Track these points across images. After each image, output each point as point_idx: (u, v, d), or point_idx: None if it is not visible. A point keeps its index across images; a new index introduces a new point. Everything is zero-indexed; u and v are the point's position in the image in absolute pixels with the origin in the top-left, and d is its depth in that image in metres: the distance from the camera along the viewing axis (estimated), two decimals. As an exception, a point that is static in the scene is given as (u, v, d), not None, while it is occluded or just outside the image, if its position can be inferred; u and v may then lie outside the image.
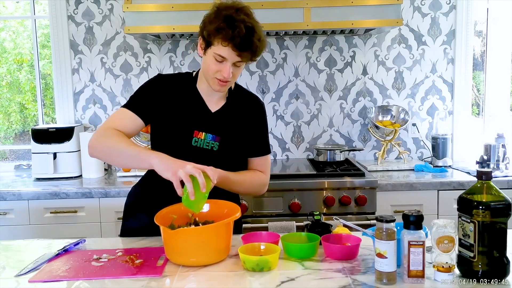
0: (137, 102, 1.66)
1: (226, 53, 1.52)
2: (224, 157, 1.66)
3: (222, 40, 1.49)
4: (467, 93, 3.04)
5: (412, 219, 1.20)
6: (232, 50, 1.50)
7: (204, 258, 1.35)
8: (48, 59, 3.20)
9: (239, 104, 1.73)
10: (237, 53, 1.51)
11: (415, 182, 2.55)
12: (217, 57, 1.53)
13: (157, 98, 1.66)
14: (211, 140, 1.65)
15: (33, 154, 2.79)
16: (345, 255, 1.38)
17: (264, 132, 1.80)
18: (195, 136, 1.64)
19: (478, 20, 3.14)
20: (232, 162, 1.69)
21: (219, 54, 1.52)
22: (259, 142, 1.78)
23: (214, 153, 1.65)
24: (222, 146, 1.66)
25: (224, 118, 1.68)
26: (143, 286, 1.24)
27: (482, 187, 1.22)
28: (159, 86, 1.68)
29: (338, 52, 3.05)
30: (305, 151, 3.12)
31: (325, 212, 2.43)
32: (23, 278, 1.31)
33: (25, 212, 2.51)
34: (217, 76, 1.56)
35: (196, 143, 1.64)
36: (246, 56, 1.53)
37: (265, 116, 1.80)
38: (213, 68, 1.55)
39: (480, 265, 1.19)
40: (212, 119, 1.67)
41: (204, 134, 1.64)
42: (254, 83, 3.06)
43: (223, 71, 1.54)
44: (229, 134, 1.67)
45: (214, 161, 1.61)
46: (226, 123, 1.68)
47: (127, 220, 1.79)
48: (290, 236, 1.49)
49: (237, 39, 1.48)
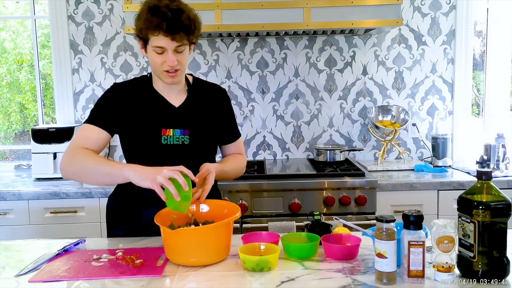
0: (99, 115, 1.66)
1: (162, 43, 1.52)
2: (197, 148, 1.68)
3: (153, 31, 1.51)
4: (467, 93, 3.04)
5: (412, 219, 1.20)
6: (164, 36, 1.50)
7: (204, 258, 1.35)
8: (48, 59, 3.20)
9: (201, 94, 1.74)
10: (170, 38, 1.51)
11: (415, 182, 2.55)
12: (156, 49, 1.54)
13: (117, 107, 1.66)
14: (180, 135, 1.66)
15: (33, 154, 2.79)
16: (345, 255, 1.38)
17: (232, 118, 1.84)
18: (164, 134, 1.65)
19: (478, 20, 3.14)
20: (205, 152, 1.72)
21: (156, 45, 1.53)
22: (229, 129, 1.83)
23: (186, 146, 1.66)
24: (193, 139, 1.67)
25: (189, 111, 1.70)
26: (143, 286, 1.24)
27: (482, 187, 1.22)
28: (117, 95, 1.69)
29: (338, 52, 3.05)
30: (305, 151, 3.12)
31: (325, 212, 2.43)
32: (23, 278, 1.32)
33: (25, 212, 2.51)
34: (164, 68, 1.57)
35: (166, 141, 1.65)
36: (180, 38, 1.52)
37: (229, 102, 1.83)
38: (157, 61, 1.56)
39: (480, 265, 1.19)
40: (177, 114, 1.68)
41: (172, 131, 1.65)
42: (254, 83, 3.06)
43: (167, 61, 1.55)
44: (198, 126, 1.69)
45: (187, 155, 1.65)
46: (192, 115, 1.69)
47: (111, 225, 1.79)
48: (290, 236, 1.49)
49: (163, 23, 1.48)
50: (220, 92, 1.81)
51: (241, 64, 3.05)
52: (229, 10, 2.51)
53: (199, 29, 1.59)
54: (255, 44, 3.04)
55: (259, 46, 3.04)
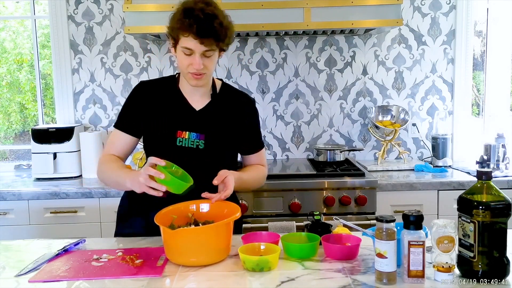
0: (124, 120, 1.72)
1: (191, 44, 1.52)
2: (211, 154, 1.67)
3: (183, 32, 1.51)
4: (467, 93, 3.04)
5: (412, 219, 1.20)
6: (194, 38, 1.51)
7: (204, 258, 1.35)
8: (48, 59, 3.20)
9: (226, 101, 1.73)
10: (199, 41, 1.51)
11: (415, 182, 2.55)
12: (184, 50, 1.54)
13: (141, 108, 1.69)
14: (195, 139, 1.65)
15: (33, 154, 2.79)
16: (345, 255, 1.38)
17: (257, 128, 1.81)
18: (179, 136, 1.65)
19: (478, 20, 3.14)
20: (221, 159, 1.70)
21: (184, 46, 1.54)
22: (253, 139, 1.80)
23: (200, 151, 1.66)
24: (208, 144, 1.66)
25: (209, 116, 1.69)
26: (143, 286, 1.24)
27: (482, 187, 1.22)
28: (141, 95, 1.71)
29: (338, 52, 3.05)
30: (305, 151, 3.12)
31: (325, 212, 2.43)
32: (23, 278, 1.32)
33: (25, 212, 2.51)
34: (190, 70, 1.57)
35: (180, 143, 1.65)
36: (209, 43, 1.52)
37: (255, 113, 1.80)
38: (184, 62, 1.57)
39: (480, 265, 1.19)
40: (196, 117, 1.68)
41: (188, 133, 1.65)
42: (254, 83, 3.06)
43: (193, 63, 1.55)
44: (215, 131, 1.67)
45: (201, 159, 1.65)
46: (211, 120, 1.68)
47: (119, 226, 1.80)
48: (290, 236, 1.49)
49: (194, 26, 1.49)
50: (247, 102, 1.78)
51: (241, 64, 3.05)
52: (229, 10, 2.45)
53: (230, 36, 1.59)
54: (255, 44, 3.04)
55: (259, 46, 3.04)
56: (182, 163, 1.60)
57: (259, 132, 1.83)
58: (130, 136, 1.71)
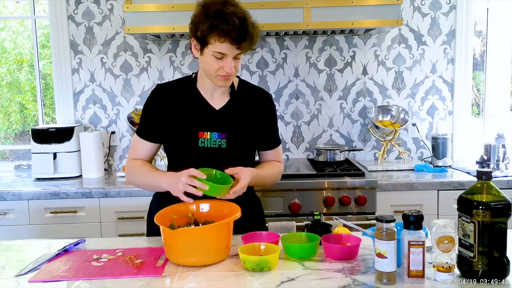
0: (145, 127, 1.72)
1: (225, 49, 1.51)
2: (234, 153, 1.67)
3: (219, 37, 1.48)
4: (467, 93, 3.04)
5: (412, 219, 1.20)
6: (231, 44, 1.49)
7: (204, 258, 1.35)
8: (48, 59, 3.20)
9: (245, 98, 1.72)
10: (236, 46, 1.50)
11: (415, 182, 2.55)
12: (217, 54, 1.52)
13: (160, 113, 1.68)
14: (217, 139, 1.65)
15: (33, 154, 2.79)
16: (345, 255, 1.38)
17: (274, 124, 1.80)
18: (200, 137, 1.64)
19: (478, 20, 3.14)
20: (243, 157, 1.70)
21: (218, 51, 1.51)
22: (270, 135, 1.79)
23: (223, 150, 1.65)
24: (230, 143, 1.65)
25: (229, 114, 1.68)
26: (143, 286, 1.24)
27: (482, 187, 1.22)
28: (160, 99, 1.70)
29: (338, 52, 3.05)
30: (305, 151, 3.12)
31: (325, 212, 2.43)
32: (23, 278, 1.32)
33: (25, 212, 2.51)
34: (220, 73, 1.56)
35: (203, 144, 1.64)
36: (245, 47, 1.52)
37: (273, 108, 1.79)
38: (215, 66, 1.54)
39: (480, 265, 1.19)
40: (217, 117, 1.67)
41: (209, 134, 1.64)
42: (254, 83, 3.04)
43: (225, 67, 1.54)
44: (236, 130, 1.67)
45: (224, 158, 1.64)
46: (231, 119, 1.68)
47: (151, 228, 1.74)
48: (290, 236, 1.49)
49: (234, 32, 1.47)
50: (265, 97, 1.77)
51: (241, 64, 3.04)
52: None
53: (260, 36, 1.59)
54: (255, 44, 3.03)
55: (259, 46, 3.04)
56: (205, 164, 1.60)
57: (276, 128, 1.82)
58: (153, 144, 1.72)
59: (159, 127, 1.69)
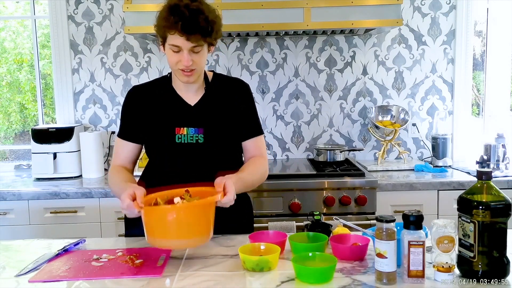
0: (125, 129, 1.74)
1: (177, 41, 1.52)
2: (212, 147, 1.66)
3: (169, 29, 1.51)
4: (467, 93, 3.04)
5: (412, 219, 1.20)
6: (180, 36, 1.50)
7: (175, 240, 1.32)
8: (48, 59, 3.20)
9: (220, 91, 1.72)
10: (185, 38, 1.50)
11: (415, 182, 2.55)
12: (172, 47, 1.54)
13: (137, 113, 1.70)
14: (194, 134, 1.65)
15: (33, 154, 2.79)
16: (355, 255, 1.36)
17: (253, 113, 1.77)
18: (177, 133, 1.65)
19: (478, 20, 3.14)
20: (222, 151, 1.69)
21: (172, 44, 1.53)
22: (250, 123, 1.75)
23: (200, 145, 1.65)
24: (207, 137, 1.65)
25: (205, 109, 1.68)
26: (143, 286, 1.24)
27: (482, 187, 1.22)
28: (135, 99, 1.72)
29: (338, 52, 3.05)
30: (305, 151, 3.12)
31: (325, 212, 2.43)
32: (23, 278, 1.32)
33: (25, 212, 2.51)
34: (179, 66, 1.57)
35: (180, 140, 1.65)
36: (196, 39, 1.51)
37: (251, 97, 1.77)
38: (173, 60, 1.57)
39: (480, 265, 1.19)
40: (192, 112, 1.67)
41: (186, 129, 1.65)
42: (254, 83, 3.06)
43: (182, 60, 1.55)
44: (212, 123, 1.67)
45: (202, 154, 1.64)
46: (207, 113, 1.67)
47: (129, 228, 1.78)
48: (296, 236, 1.47)
49: (180, 23, 1.48)
50: (241, 86, 1.76)
51: (241, 64, 3.05)
52: (229, 10, 2.51)
53: (217, 31, 1.57)
54: (255, 44, 3.04)
55: (259, 46, 3.04)
56: (183, 160, 1.61)
57: (256, 117, 1.77)
58: (134, 144, 1.73)
59: (138, 127, 1.70)
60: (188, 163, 1.64)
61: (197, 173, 1.63)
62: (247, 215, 1.83)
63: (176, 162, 1.65)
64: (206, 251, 1.47)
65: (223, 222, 1.53)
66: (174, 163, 1.66)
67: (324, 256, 1.30)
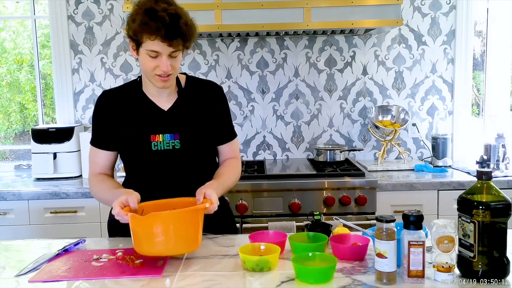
0: (96, 136, 1.70)
1: (157, 47, 1.48)
2: (189, 153, 1.64)
3: (149, 35, 1.46)
4: (467, 93, 3.04)
5: (412, 219, 1.20)
6: (162, 41, 1.46)
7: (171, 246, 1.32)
8: (48, 59, 3.20)
9: (193, 94, 1.68)
10: (167, 44, 1.47)
11: (415, 182, 2.55)
12: (150, 53, 1.49)
13: (109, 120, 1.66)
14: (170, 140, 1.62)
15: (33, 154, 2.79)
16: (356, 255, 1.36)
17: (227, 117, 1.76)
18: (153, 140, 1.61)
19: (478, 20, 3.14)
20: (199, 156, 1.67)
21: (151, 49, 1.48)
22: (224, 128, 1.74)
23: (177, 151, 1.62)
24: (183, 142, 1.62)
25: (179, 114, 1.65)
26: (143, 286, 1.24)
27: (482, 187, 1.21)
28: (106, 105, 1.67)
29: (338, 52, 3.05)
30: (305, 151, 3.12)
31: (325, 212, 2.43)
32: (23, 278, 1.32)
33: (25, 212, 2.51)
34: (157, 72, 1.53)
35: (156, 147, 1.61)
36: (177, 44, 1.48)
37: (224, 100, 1.75)
38: (150, 65, 1.52)
39: (480, 265, 1.19)
40: (166, 118, 1.64)
41: (162, 136, 1.61)
42: (254, 83, 3.06)
43: (160, 66, 1.51)
44: (188, 129, 1.64)
45: (180, 159, 1.63)
46: (182, 118, 1.64)
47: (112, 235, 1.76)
48: (296, 236, 1.47)
49: (162, 29, 1.44)
50: (215, 89, 1.73)
51: (241, 64, 3.05)
52: (229, 10, 2.51)
53: (195, 35, 1.55)
54: (255, 44, 3.04)
55: (259, 46, 3.04)
56: (160, 167, 1.59)
57: (230, 120, 1.77)
58: (109, 152, 1.69)
59: (111, 135, 1.66)
60: (166, 169, 1.61)
61: (175, 178, 1.62)
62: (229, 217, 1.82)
63: (153, 169, 1.62)
64: (206, 251, 1.47)
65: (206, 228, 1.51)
66: (151, 170, 1.63)
67: (324, 256, 1.30)
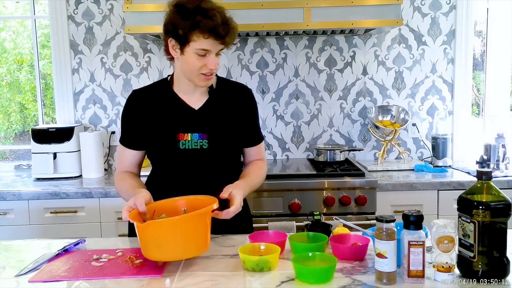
0: (126, 136, 1.70)
1: (209, 45, 1.48)
2: (216, 153, 1.64)
3: (203, 33, 1.46)
4: (467, 93, 3.04)
5: (412, 219, 1.20)
6: (215, 40, 1.47)
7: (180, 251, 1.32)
8: (48, 59, 3.20)
9: (224, 96, 1.68)
10: (220, 42, 1.48)
11: (415, 182, 2.55)
12: (200, 51, 1.49)
13: (138, 119, 1.65)
14: (198, 139, 1.61)
15: (33, 154, 2.79)
16: (355, 255, 1.36)
17: (255, 120, 1.76)
18: (181, 139, 1.61)
19: (478, 20, 3.14)
20: (225, 157, 1.67)
21: (201, 48, 1.48)
22: (251, 131, 1.74)
23: (205, 151, 1.62)
24: (211, 142, 1.62)
25: (209, 114, 1.65)
26: (143, 286, 1.24)
27: (482, 187, 1.21)
28: (136, 104, 1.67)
29: (338, 52, 3.05)
30: (305, 151, 3.12)
31: (325, 212, 2.43)
32: (23, 278, 1.31)
33: (25, 212, 2.51)
34: (203, 71, 1.53)
35: (184, 146, 1.61)
36: (228, 41, 1.50)
37: (254, 103, 1.75)
38: (198, 64, 1.51)
39: (480, 265, 1.19)
40: (196, 117, 1.63)
41: (190, 135, 1.61)
42: (254, 83, 3.06)
43: (208, 64, 1.51)
44: (217, 129, 1.64)
45: (207, 159, 1.62)
46: (211, 118, 1.64)
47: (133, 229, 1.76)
48: (296, 236, 1.47)
49: (219, 27, 1.45)
50: (245, 92, 1.73)
51: (241, 64, 3.05)
52: (229, 10, 2.49)
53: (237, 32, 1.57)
54: (255, 44, 3.04)
55: (259, 46, 3.04)
56: (187, 166, 1.59)
57: (258, 124, 1.78)
58: (136, 151, 1.70)
59: (140, 134, 1.66)
60: (192, 168, 1.61)
61: (201, 178, 1.62)
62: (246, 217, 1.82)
63: (180, 168, 1.62)
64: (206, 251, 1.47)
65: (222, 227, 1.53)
66: (178, 169, 1.63)
67: (324, 256, 1.30)
